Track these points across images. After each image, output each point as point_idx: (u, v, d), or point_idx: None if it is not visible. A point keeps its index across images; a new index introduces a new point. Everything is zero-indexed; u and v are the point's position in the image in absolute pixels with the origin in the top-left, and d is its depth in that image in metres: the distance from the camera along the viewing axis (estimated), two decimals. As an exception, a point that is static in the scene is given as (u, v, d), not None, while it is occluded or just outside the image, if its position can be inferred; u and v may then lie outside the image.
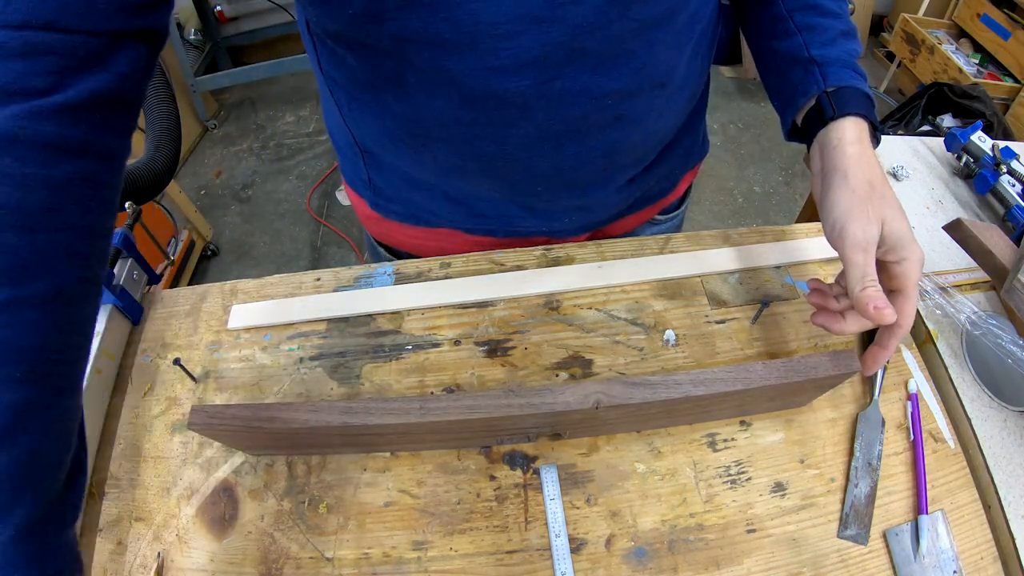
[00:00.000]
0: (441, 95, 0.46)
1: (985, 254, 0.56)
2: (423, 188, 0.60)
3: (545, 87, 0.44)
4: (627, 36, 0.44)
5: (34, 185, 0.33)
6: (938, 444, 0.52)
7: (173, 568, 0.47)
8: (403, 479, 0.50)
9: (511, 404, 0.43)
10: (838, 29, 0.50)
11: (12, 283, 0.33)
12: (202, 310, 0.61)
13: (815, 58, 0.50)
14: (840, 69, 0.49)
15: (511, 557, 0.47)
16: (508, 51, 0.42)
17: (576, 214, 0.62)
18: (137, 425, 0.54)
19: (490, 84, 0.44)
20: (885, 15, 2.86)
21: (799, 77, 0.50)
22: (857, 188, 0.45)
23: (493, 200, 0.59)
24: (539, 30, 0.41)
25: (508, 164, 0.52)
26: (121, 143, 0.39)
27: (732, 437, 0.52)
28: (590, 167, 0.53)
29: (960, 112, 2.00)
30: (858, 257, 0.43)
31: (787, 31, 0.51)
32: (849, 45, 0.50)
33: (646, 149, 0.57)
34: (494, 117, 0.47)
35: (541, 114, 0.47)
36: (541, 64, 0.43)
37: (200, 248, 1.98)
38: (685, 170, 0.70)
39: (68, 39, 0.34)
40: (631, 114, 0.50)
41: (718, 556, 0.47)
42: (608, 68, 0.45)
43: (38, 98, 0.33)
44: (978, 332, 0.56)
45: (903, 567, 0.46)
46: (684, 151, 0.66)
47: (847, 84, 0.48)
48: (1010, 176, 0.67)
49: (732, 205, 2.21)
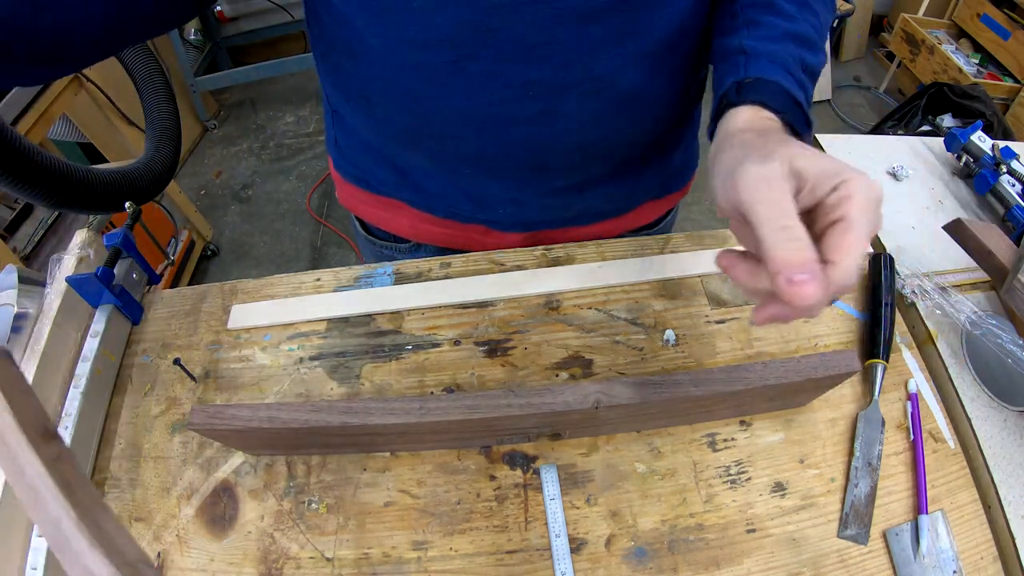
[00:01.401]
0: (375, 62, 0.48)
1: (985, 254, 0.56)
2: (374, 153, 0.62)
3: (460, 65, 0.45)
4: (545, 23, 0.43)
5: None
6: (938, 444, 0.52)
7: (173, 568, 0.47)
8: (403, 479, 0.50)
9: (511, 404, 0.43)
10: (785, 28, 0.44)
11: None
12: (202, 310, 0.61)
13: (744, 48, 0.43)
14: (768, 63, 0.41)
15: (511, 557, 0.47)
16: (421, 25, 0.43)
17: (510, 207, 0.61)
18: (137, 425, 0.54)
19: (407, 56, 0.46)
20: (885, 15, 2.86)
21: (723, 71, 0.44)
22: (746, 141, 0.36)
23: (432, 176, 0.60)
24: (450, 8, 0.42)
25: (434, 140, 0.53)
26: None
27: (732, 437, 0.52)
28: (516, 158, 0.53)
29: (960, 112, 2.00)
30: (759, 193, 0.30)
31: (734, 27, 0.45)
32: (793, 48, 0.43)
33: (585, 157, 0.55)
34: (416, 90, 0.48)
35: (460, 94, 0.47)
36: (454, 42, 0.44)
37: (200, 248, 1.98)
38: (649, 196, 0.67)
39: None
40: (560, 113, 0.49)
41: (718, 556, 0.47)
42: (527, 56, 0.45)
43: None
44: (978, 332, 0.56)
45: (903, 567, 0.46)
46: (650, 177, 0.64)
47: (767, 77, 0.40)
48: (1010, 176, 0.67)
49: (732, 205, 2.20)
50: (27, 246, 1.44)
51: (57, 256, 0.58)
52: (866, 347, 0.56)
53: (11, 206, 1.48)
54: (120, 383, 0.56)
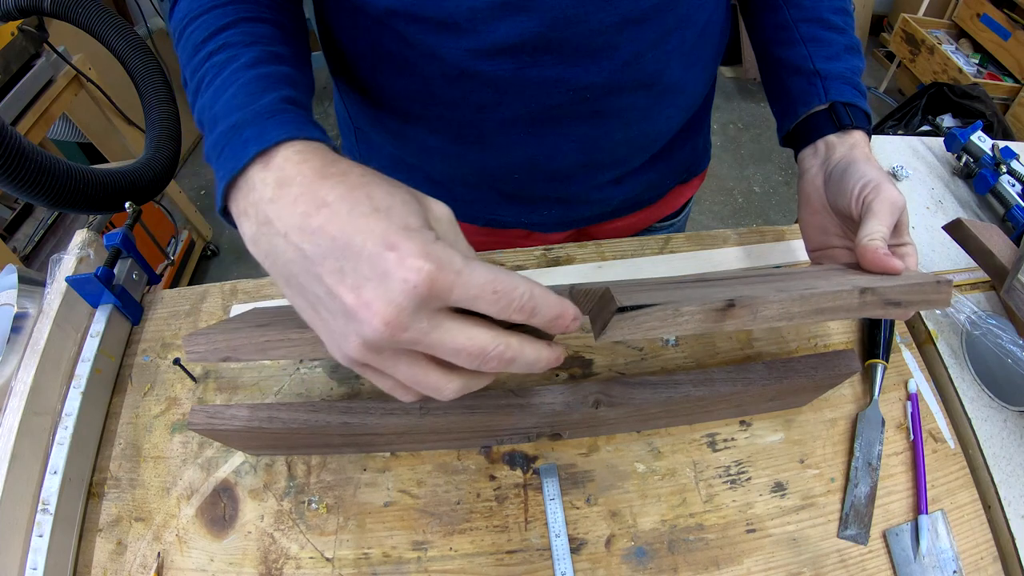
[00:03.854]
0: (421, 71, 0.47)
1: (985, 254, 0.56)
2: (406, 168, 0.61)
3: (520, 73, 0.45)
4: (608, 30, 0.44)
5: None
6: (938, 444, 0.52)
7: (173, 568, 0.47)
8: (403, 479, 0.50)
9: (511, 404, 0.43)
10: (843, 44, 0.51)
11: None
12: (202, 310, 0.61)
13: (819, 71, 0.50)
14: (842, 85, 0.49)
15: (511, 557, 0.47)
16: (486, 35, 0.43)
17: (555, 207, 0.62)
18: (137, 425, 0.54)
19: (466, 65, 0.45)
20: (885, 15, 2.86)
21: (801, 87, 0.51)
22: (868, 159, 0.45)
23: (472, 184, 0.60)
24: (517, 18, 0.42)
25: (484, 147, 0.53)
26: None
27: (732, 437, 0.52)
28: (567, 159, 0.53)
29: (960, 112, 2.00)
30: (887, 215, 0.41)
31: (792, 40, 0.52)
32: (852, 61, 0.51)
33: (630, 150, 0.56)
34: (470, 98, 0.48)
35: (516, 99, 0.47)
36: (517, 50, 0.44)
37: (200, 248, 1.98)
38: (678, 181, 0.69)
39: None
40: (612, 111, 0.50)
41: (718, 556, 0.47)
42: (586, 61, 0.45)
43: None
44: (978, 332, 0.56)
45: (903, 567, 0.46)
46: (679, 161, 0.66)
47: (849, 102, 0.49)
48: (1010, 176, 0.67)
49: (732, 205, 2.21)
50: (27, 246, 1.44)
51: (57, 256, 0.58)
52: (866, 347, 0.56)
53: (11, 206, 1.48)
54: (120, 383, 0.56)
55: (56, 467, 0.47)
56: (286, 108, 0.33)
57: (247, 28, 0.38)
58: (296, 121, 0.32)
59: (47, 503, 0.45)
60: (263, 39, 0.38)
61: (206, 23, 0.39)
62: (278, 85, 0.35)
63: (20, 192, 0.84)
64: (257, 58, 0.36)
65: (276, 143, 0.30)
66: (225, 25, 0.38)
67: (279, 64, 0.37)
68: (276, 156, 0.30)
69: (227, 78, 0.35)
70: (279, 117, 0.32)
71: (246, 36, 0.38)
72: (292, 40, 0.41)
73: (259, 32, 0.39)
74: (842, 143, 0.48)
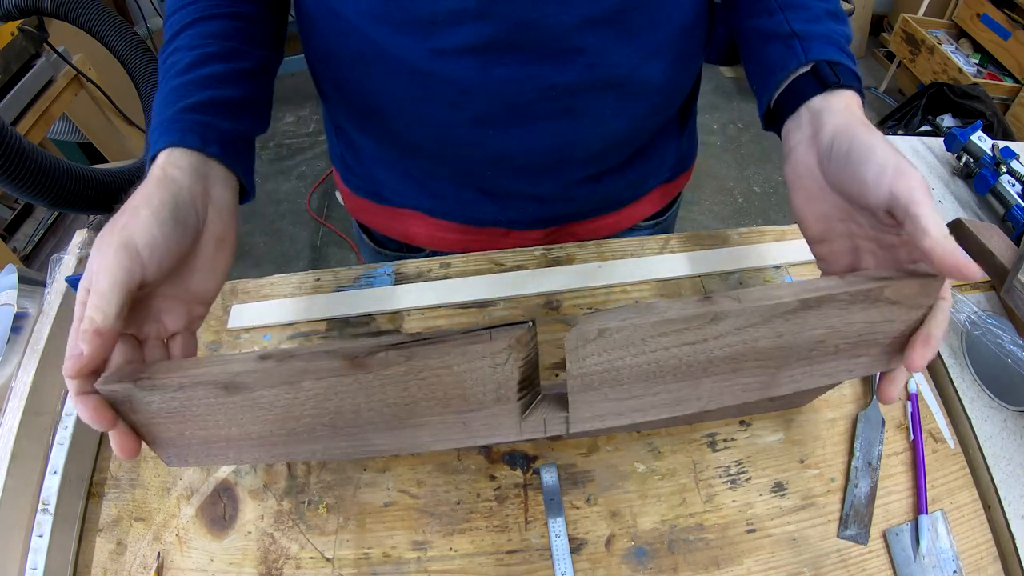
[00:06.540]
0: (390, 71, 0.48)
1: (985, 254, 0.56)
2: (385, 165, 0.62)
3: (486, 72, 0.46)
4: (570, 32, 0.44)
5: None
6: (938, 444, 0.52)
7: (173, 568, 0.47)
8: (403, 479, 0.50)
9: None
10: (823, 8, 0.45)
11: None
12: (202, 310, 0.61)
13: (796, 32, 0.44)
14: (825, 44, 0.43)
15: (511, 557, 0.47)
16: (449, 37, 0.44)
17: (531, 203, 0.61)
18: (137, 425, 0.54)
19: (431, 65, 0.46)
20: (885, 15, 2.87)
21: (778, 52, 0.44)
22: (868, 128, 0.38)
23: (448, 180, 0.60)
24: (476, 23, 0.43)
25: (457, 145, 0.53)
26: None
27: (732, 437, 0.52)
28: (539, 155, 0.53)
29: (960, 112, 2.01)
30: (929, 201, 0.34)
31: (767, 9, 0.46)
32: (835, 25, 0.45)
33: (604, 147, 0.56)
34: (438, 96, 0.48)
35: (484, 97, 0.48)
36: (481, 51, 0.44)
37: (200, 248, 1.97)
38: (660, 180, 0.68)
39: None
40: (582, 109, 0.49)
41: (718, 556, 0.47)
42: (551, 61, 0.45)
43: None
44: (978, 332, 0.56)
45: (903, 567, 0.46)
46: (660, 160, 0.65)
47: (834, 60, 0.42)
48: (1010, 176, 0.67)
49: (732, 205, 2.21)
50: (27, 246, 1.44)
51: (57, 256, 0.58)
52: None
53: (11, 206, 1.48)
54: (120, 383, 0.56)
55: (56, 467, 0.47)
56: (180, 119, 0.39)
57: (200, 29, 0.44)
58: (179, 132, 0.39)
59: (47, 503, 0.46)
60: (208, 38, 0.43)
61: (171, 25, 0.45)
62: (193, 92, 0.41)
63: (20, 192, 0.84)
64: (190, 64, 0.42)
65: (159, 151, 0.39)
66: (182, 28, 0.44)
67: (211, 65, 0.42)
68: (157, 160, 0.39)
69: (163, 84, 0.42)
70: (170, 126, 0.40)
71: (193, 39, 0.43)
72: (244, 30, 0.46)
73: (209, 31, 0.44)
74: (829, 108, 0.40)
